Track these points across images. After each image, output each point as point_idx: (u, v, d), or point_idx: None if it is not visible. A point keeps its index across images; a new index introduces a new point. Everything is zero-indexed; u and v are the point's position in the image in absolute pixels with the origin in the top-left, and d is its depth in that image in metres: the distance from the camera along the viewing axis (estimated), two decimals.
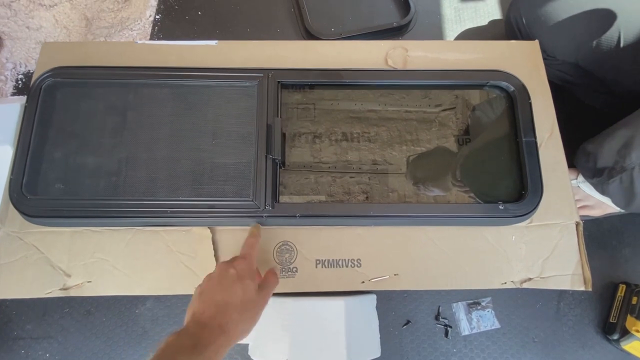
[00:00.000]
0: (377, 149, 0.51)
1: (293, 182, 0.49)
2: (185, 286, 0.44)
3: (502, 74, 0.51)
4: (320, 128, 0.51)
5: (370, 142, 0.51)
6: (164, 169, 0.46)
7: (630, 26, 0.49)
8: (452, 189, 0.49)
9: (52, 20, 0.61)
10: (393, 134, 0.51)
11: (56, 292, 0.43)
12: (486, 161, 0.50)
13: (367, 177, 0.49)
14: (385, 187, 0.49)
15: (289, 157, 0.50)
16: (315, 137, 0.51)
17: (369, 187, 0.49)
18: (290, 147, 0.50)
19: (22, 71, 0.66)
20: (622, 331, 0.51)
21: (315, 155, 0.50)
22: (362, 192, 0.49)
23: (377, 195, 0.48)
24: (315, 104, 0.52)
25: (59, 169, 0.46)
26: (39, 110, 0.47)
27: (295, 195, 0.48)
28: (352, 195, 0.48)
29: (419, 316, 0.55)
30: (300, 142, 0.51)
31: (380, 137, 0.51)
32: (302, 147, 0.50)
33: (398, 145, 0.51)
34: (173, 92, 0.49)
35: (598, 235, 0.59)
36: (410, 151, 0.51)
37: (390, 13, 0.74)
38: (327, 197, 0.48)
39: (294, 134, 0.51)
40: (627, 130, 0.46)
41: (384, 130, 0.52)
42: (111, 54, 0.52)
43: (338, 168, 0.50)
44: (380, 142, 0.51)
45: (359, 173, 0.50)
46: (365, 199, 0.48)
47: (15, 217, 0.45)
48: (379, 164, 0.50)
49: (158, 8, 0.72)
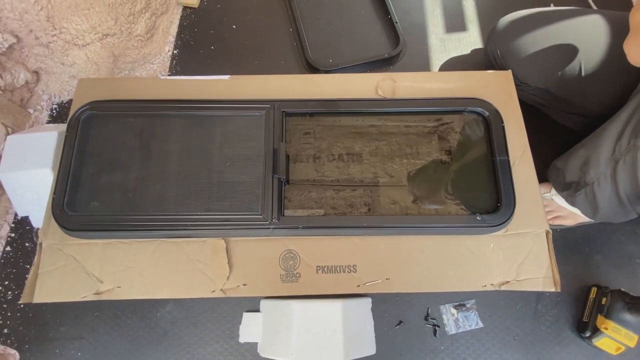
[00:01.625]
0: (378, 162, 0.56)
1: (297, 196, 0.54)
2: (203, 290, 0.49)
3: (478, 101, 0.57)
4: (322, 144, 0.57)
5: (371, 156, 0.56)
6: (183, 187, 0.52)
7: (589, 58, 0.56)
8: (446, 202, 0.54)
9: (84, 57, 0.70)
10: (393, 147, 0.56)
11: (90, 296, 0.49)
12: (469, 177, 0.55)
13: (369, 190, 0.54)
14: (387, 199, 0.54)
15: (294, 172, 0.55)
16: (318, 153, 0.56)
17: (371, 200, 0.54)
18: (294, 162, 0.55)
19: (56, 102, 0.74)
20: (593, 329, 0.56)
21: (318, 170, 0.56)
22: (365, 205, 0.53)
23: (378, 207, 0.53)
24: (319, 121, 0.58)
25: (94, 189, 0.52)
26: (78, 138, 0.54)
27: (300, 209, 0.54)
28: (355, 208, 0.53)
29: (410, 317, 0.60)
30: (303, 159, 0.56)
31: (381, 151, 0.56)
32: (307, 162, 0.56)
33: (398, 158, 0.56)
34: (191, 122, 0.56)
35: (572, 242, 0.64)
36: (409, 164, 0.55)
37: (382, 44, 0.82)
38: (329, 209, 0.53)
39: (297, 150, 0.56)
40: (585, 150, 0.52)
41: (385, 145, 0.56)
42: (138, 88, 0.59)
43: (340, 182, 0.55)
44: (381, 156, 0.56)
45: (360, 186, 0.55)
46: (368, 211, 0.53)
47: (55, 231, 0.51)
48: (379, 176, 0.55)
49: (176, 44, 0.81)
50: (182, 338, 0.59)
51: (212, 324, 0.60)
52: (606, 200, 0.51)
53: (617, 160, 0.47)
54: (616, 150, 0.47)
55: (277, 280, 0.50)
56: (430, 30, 0.84)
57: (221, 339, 0.59)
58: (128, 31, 0.71)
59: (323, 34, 0.83)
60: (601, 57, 0.55)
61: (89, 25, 0.66)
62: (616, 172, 0.47)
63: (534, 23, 0.60)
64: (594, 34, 0.56)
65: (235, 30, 0.85)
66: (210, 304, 0.61)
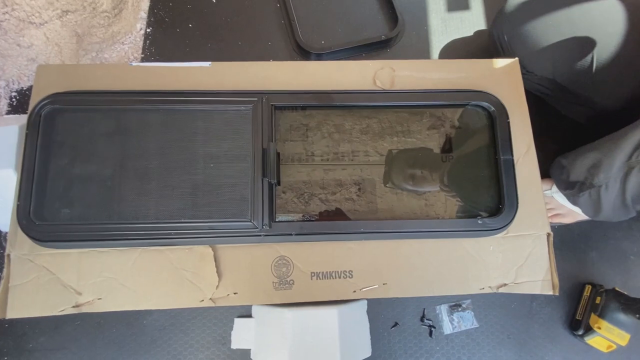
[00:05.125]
0: (369, 141, 0.53)
1: (285, 177, 0.51)
2: (190, 300, 0.46)
3: (483, 94, 0.53)
4: (311, 122, 0.53)
5: (362, 134, 0.53)
6: (164, 192, 0.48)
7: (603, 49, 0.52)
8: (439, 190, 0.52)
9: (42, 38, 0.61)
10: (384, 125, 0.54)
11: (69, 309, 0.46)
12: (469, 173, 0.53)
13: (360, 168, 0.52)
14: (378, 179, 0.52)
15: (282, 150, 0.52)
16: (307, 130, 0.53)
17: (361, 179, 0.52)
18: (284, 140, 0.52)
19: (15, 88, 0.66)
20: (587, 328, 0.57)
21: (307, 148, 0.53)
22: (354, 184, 0.52)
23: (370, 187, 0.51)
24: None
25: (64, 194, 0.48)
26: (40, 137, 0.48)
27: (292, 213, 0.51)
28: (345, 187, 0.51)
29: (405, 318, 0.60)
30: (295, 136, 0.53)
31: (372, 129, 0.53)
32: (295, 141, 0.53)
33: (389, 136, 0.53)
34: (170, 117, 0.50)
35: (568, 239, 0.64)
36: (400, 142, 0.53)
37: (379, 24, 0.75)
38: (318, 190, 0.51)
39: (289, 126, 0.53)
40: (597, 153, 0.49)
41: (375, 122, 0.54)
42: (107, 77, 0.52)
43: (331, 160, 0.53)
44: (372, 134, 0.53)
45: (350, 165, 0.53)
46: (358, 190, 0.51)
47: (24, 241, 0.47)
48: (370, 155, 0.53)
49: (148, 21, 0.72)
50: (171, 345, 0.57)
51: (202, 330, 0.58)
52: (610, 203, 0.50)
53: (632, 167, 0.45)
54: (633, 157, 0.45)
55: (269, 288, 0.48)
56: (430, 8, 0.77)
57: (212, 345, 0.58)
58: (92, 6, 0.63)
59: (314, 11, 0.76)
60: (616, 48, 0.51)
61: (45, 1, 0.57)
62: (628, 178, 0.46)
63: (546, 7, 0.55)
64: (609, 23, 0.52)
65: (216, 5, 0.76)
66: (200, 309, 0.59)
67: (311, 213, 0.52)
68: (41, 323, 0.57)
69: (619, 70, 0.52)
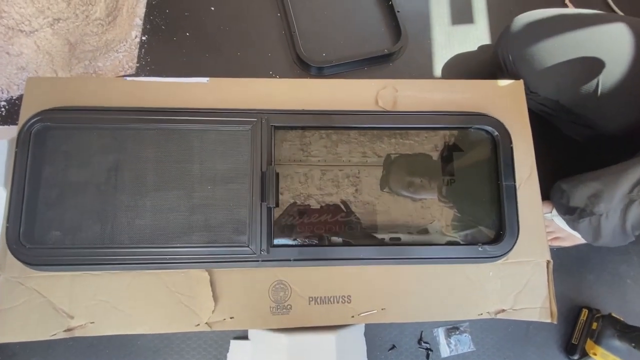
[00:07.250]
0: (367, 142, 0.53)
1: (281, 177, 0.50)
2: (186, 324, 0.46)
3: (486, 118, 0.52)
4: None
5: (360, 135, 0.53)
6: (159, 215, 0.47)
7: (608, 77, 0.51)
8: (439, 199, 0.52)
9: (33, 46, 0.59)
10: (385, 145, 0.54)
11: (61, 333, 0.45)
12: (470, 197, 0.52)
13: (357, 169, 0.52)
14: (375, 180, 0.52)
15: (280, 152, 0.52)
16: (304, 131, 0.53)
17: (358, 180, 0.52)
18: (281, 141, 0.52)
19: (4, 98, 0.64)
20: (582, 353, 0.57)
21: (304, 149, 0.52)
22: (352, 185, 0.51)
23: (367, 188, 0.51)
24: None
25: (55, 216, 0.46)
26: (30, 157, 0.46)
27: (291, 229, 0.50)
28: (341, 189, 0.51)
29: (403, 341, 0.60)
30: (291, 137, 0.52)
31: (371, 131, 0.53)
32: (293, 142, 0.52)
33: (387, 138, 0.53)
34: (166, 136, 0.49)
35: (566, 262, 0.63)
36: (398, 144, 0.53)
37: (382, 37, 0.73)
38: (315, 191, 0.51)
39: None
40: (598, 184, 0.49)
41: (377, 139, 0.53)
42: (100, 91, 0.50)
43: (327, 162, 0.52)
44: (370, 135, 0.53)
45: (347, 166, 0.52)
46: (355, 192, 0.51)
47: (14, 263, 0.45)
48: (368, 156, 0.53)
49: (144, 28, 0.69)
50: None
51: (197, 352, 0.57)
52: (610, 231, 0.50)
53: (632, 200, 0.45)
54: (634, 191, 0.44)
55: (266, 313, 0.47)
56: (434, 22, 0.75)
57: None
58: (85, 14, 0.60)
59: (316, 23, 0.73)
60: (622, 75, 0.50)
61: (35, 9, 0.55)
62: (629, 209, 0.46)
63: (553, 28, 0.54)
64: (616, 47, 0.51)
65: (214, 13, 0.73)
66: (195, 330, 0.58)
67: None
68: (32, 344, 0.56)
69: (624, 98, 0.52)
